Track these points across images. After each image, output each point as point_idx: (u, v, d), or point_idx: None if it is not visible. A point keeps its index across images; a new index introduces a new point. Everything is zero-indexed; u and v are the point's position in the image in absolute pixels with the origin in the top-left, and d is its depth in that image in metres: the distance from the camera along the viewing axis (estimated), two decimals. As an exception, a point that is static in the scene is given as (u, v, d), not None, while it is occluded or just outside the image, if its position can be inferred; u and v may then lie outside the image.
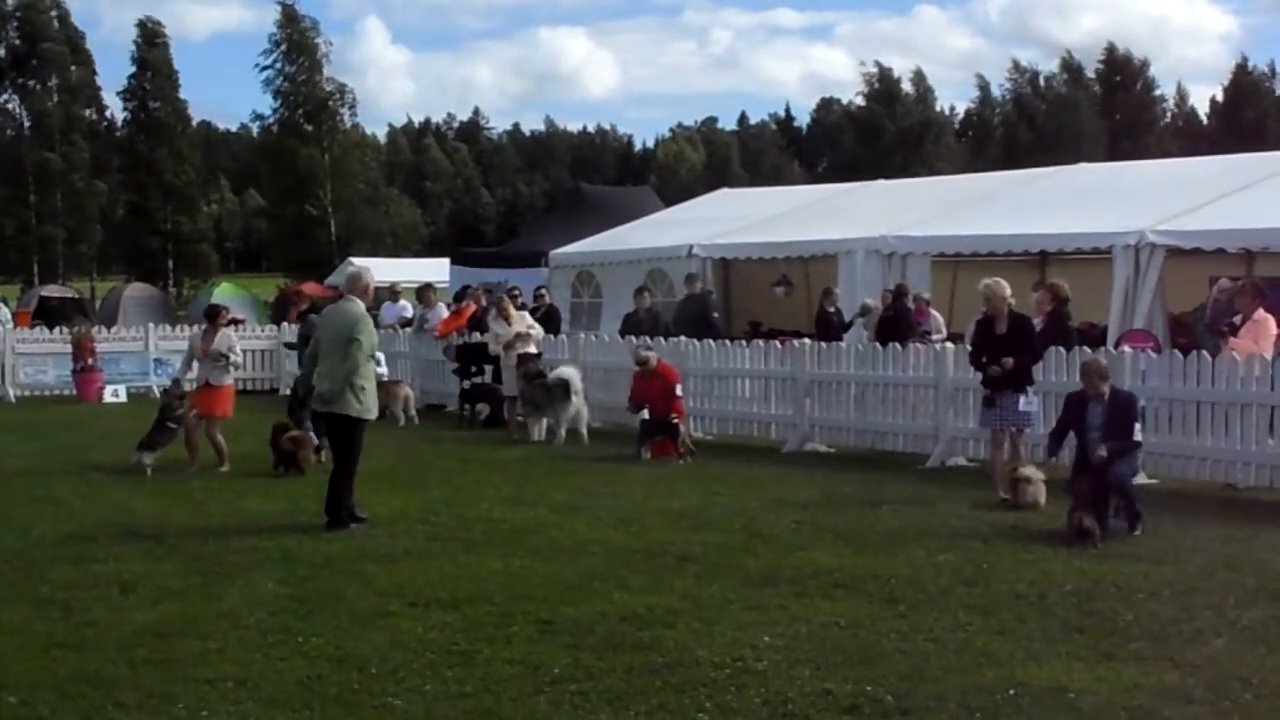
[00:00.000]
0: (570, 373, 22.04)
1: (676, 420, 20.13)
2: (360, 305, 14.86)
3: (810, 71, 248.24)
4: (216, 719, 7.98)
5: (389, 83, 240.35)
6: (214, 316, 20.05)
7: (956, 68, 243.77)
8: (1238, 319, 17.71)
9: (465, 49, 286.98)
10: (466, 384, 25.34)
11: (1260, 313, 17.46)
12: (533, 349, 23.33)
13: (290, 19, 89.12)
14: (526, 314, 24.59)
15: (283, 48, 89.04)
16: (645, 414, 20.53)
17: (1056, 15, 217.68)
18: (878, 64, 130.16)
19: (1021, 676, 8.63)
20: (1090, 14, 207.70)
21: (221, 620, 10.23)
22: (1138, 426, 14.53)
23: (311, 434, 18.61)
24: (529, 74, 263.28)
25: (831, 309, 24.66)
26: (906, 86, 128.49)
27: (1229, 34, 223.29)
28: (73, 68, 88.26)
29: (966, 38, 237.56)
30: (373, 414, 14.84)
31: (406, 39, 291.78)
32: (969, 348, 18.66)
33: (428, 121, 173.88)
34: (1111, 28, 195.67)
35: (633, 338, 23.33)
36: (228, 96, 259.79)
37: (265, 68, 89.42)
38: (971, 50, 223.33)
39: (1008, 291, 16.24)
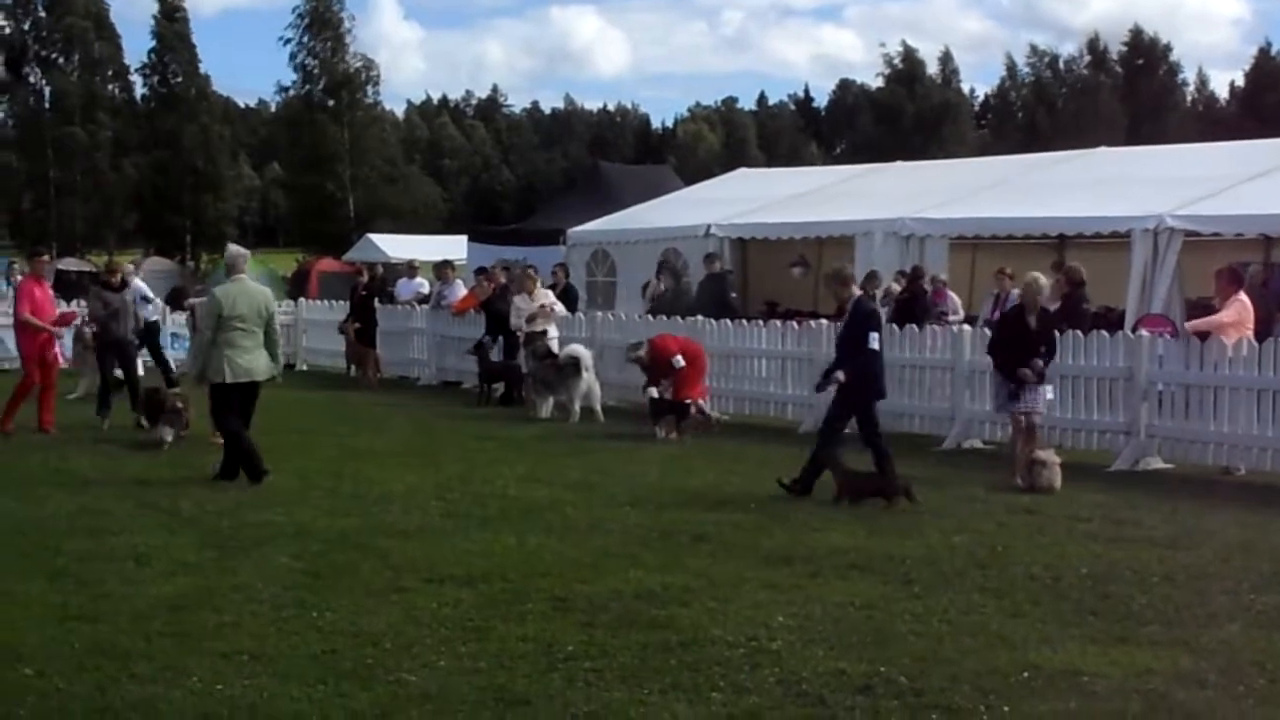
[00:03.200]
0: (580, 350, 22.07)
1: (688, 401, 20.08)
2: (247, 282, 16.02)
3: (821, 53, 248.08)
4: (231, 692, 7.98)
5: (401, 59, 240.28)
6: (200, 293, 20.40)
7: (967, 50, 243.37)
8: (1216, 303, 17.80)
9: (477, 26, 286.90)
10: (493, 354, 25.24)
11: (1240, 296, 17.47)
12: (552, 328, 23.36)
13: None
14: (550, 292, 24.62)
15: (306, 21, 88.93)
16: (654, 393, 20.50)
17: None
18: (903, 43, 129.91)
19: (1035, 659, 8.62)
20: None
21: (236, 594, 10.24)
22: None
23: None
24: (541, 52, 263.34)
25: (876, 293, 24.36)
26: (932, 68, 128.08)
27: (1240, 19, 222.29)
28: (96, 43, 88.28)
29: (977, 20, 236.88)
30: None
31: (419, 15, 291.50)
32: (986, 332, 18.73)
33: (445, 98, 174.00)
34: (1121, 13, 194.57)
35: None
36: (241, 72, 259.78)
37: (288, 40, 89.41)
38: (982, 33, 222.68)
39: (1046, 287, 16.45)
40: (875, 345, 14.95)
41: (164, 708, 7.76)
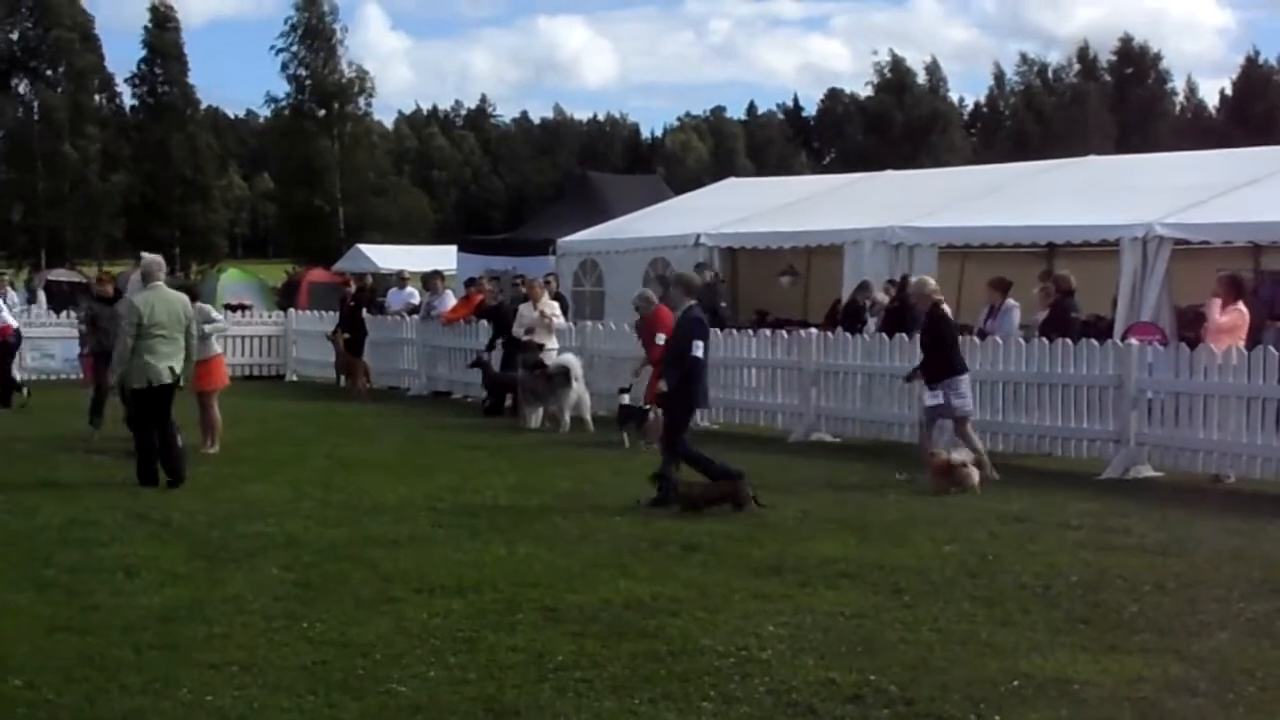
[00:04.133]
0: (571, 360, 22.08)
1: (647, 407, 20.21)
2: (164, 290, 16.55)
3: (809, 62, 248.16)
4: (221, 703, 7.97)
5: (388, 69, 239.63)
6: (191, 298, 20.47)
7: (953, 59, 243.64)
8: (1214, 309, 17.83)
9: (465, 36, 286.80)
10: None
11: (1239, 305, 17.50)
12: (551, 340, 23.37)
13: (310, 1, 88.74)
14: (556, 304, 24.62)
15: (299, 31, 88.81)
16: (626, 399, 20.71)
17: (1051, 7, 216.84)
18: (891, 53, 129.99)
19: (1026, 668, 8.62)
20: (1085, 7, 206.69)
21: (226, 605, 10.23)
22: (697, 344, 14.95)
23: None
24: (528, 62, 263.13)
25: (864, 301, 24.40)
26: (921, 77, 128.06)
27: (1226, 28, 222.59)
28: (83, 54, 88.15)
29: (963, 29, 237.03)
30: None
31: (406, 25, 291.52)
32: (976, 340, 18.93)
33: (435, 109, 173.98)
34: (1107, 21, 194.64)
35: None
36: (229, 82, 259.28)
37: (280, 50, 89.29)
38: (968, 42, 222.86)
39: (932, 286, 17.16)
40: (699, 354, 14.95)
41: (154, 719, 7.75)
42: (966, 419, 16.78)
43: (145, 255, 17.59)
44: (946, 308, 17.36)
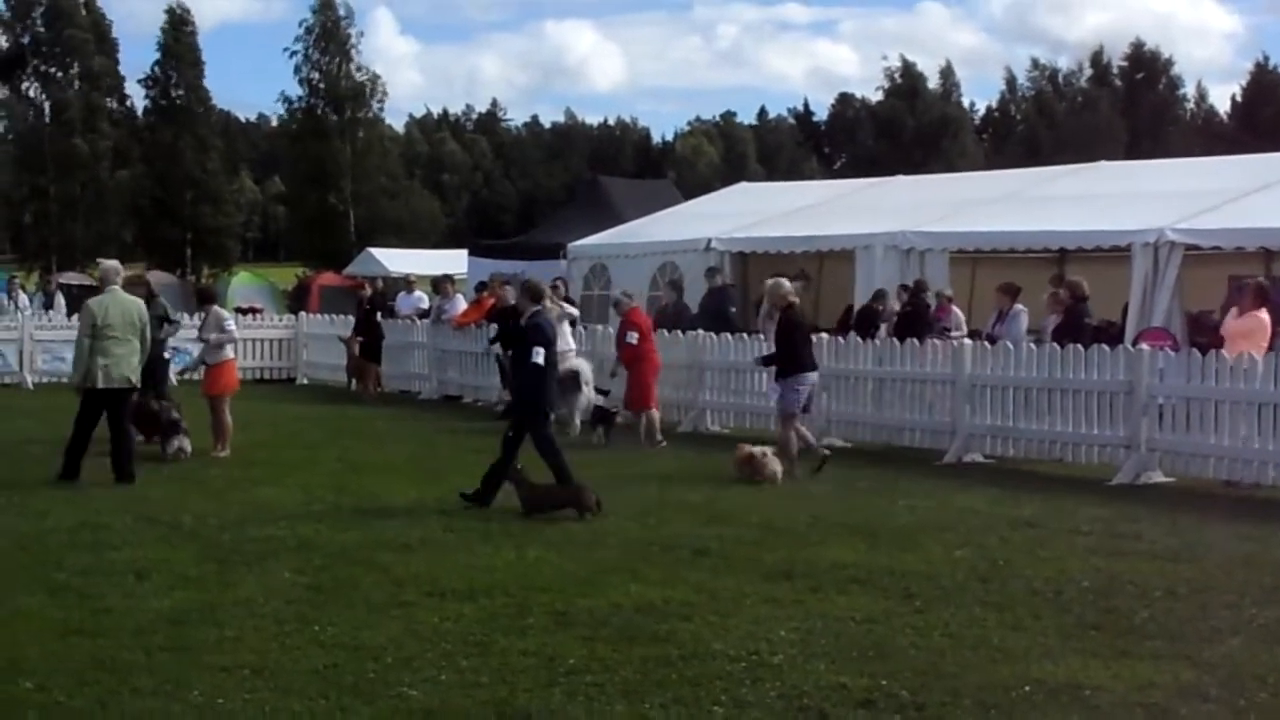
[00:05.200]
0: (580, 364, 22.07)
1: (614, 411, 20.98)
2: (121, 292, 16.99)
3: (817, 67, 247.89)
4: (232, 706, 7.98)
5: (396, 73, 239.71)
6: (208, 299, 20.62)
7: (961, 64, 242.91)
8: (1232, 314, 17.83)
9: (473, 41, 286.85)
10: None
11: (1260, 313, 17.47)
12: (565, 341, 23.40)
13: (326, 5, 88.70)
14: (567, 305, 24.62)
15: (314, 34, 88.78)
16: (600, 400, 21.36)
17: (1060, 12, 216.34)
18: (902, 58, 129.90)
19: (1037, 673, 8.61)
20: (1093, 12, 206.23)
21: (237, 608, 10.24)
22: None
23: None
24: (537, 66, 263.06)
25: (880, 307, 24.43)
26: (933, 82, 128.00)
27: (1234, 33, 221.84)
28: (96, 56, 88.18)
29: (971, 34, 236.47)
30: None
31: (415, 30, 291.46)
32: (987, 345, 19.00)
33: (445, 113, 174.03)
34: (1115, 26, 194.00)
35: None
36: (240, 86, 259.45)
37: (294, 52, 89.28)
38: (976, 47, 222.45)
39: (787, 287, 18.29)
40: (539, 360, 15.05)
41: (165, 722, 7.77)
42: (794, 416, 17.73)
43: (103, 261, 18.16)
44: (799, 310, 18.69)
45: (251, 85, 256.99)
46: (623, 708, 7.97)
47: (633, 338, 21.16)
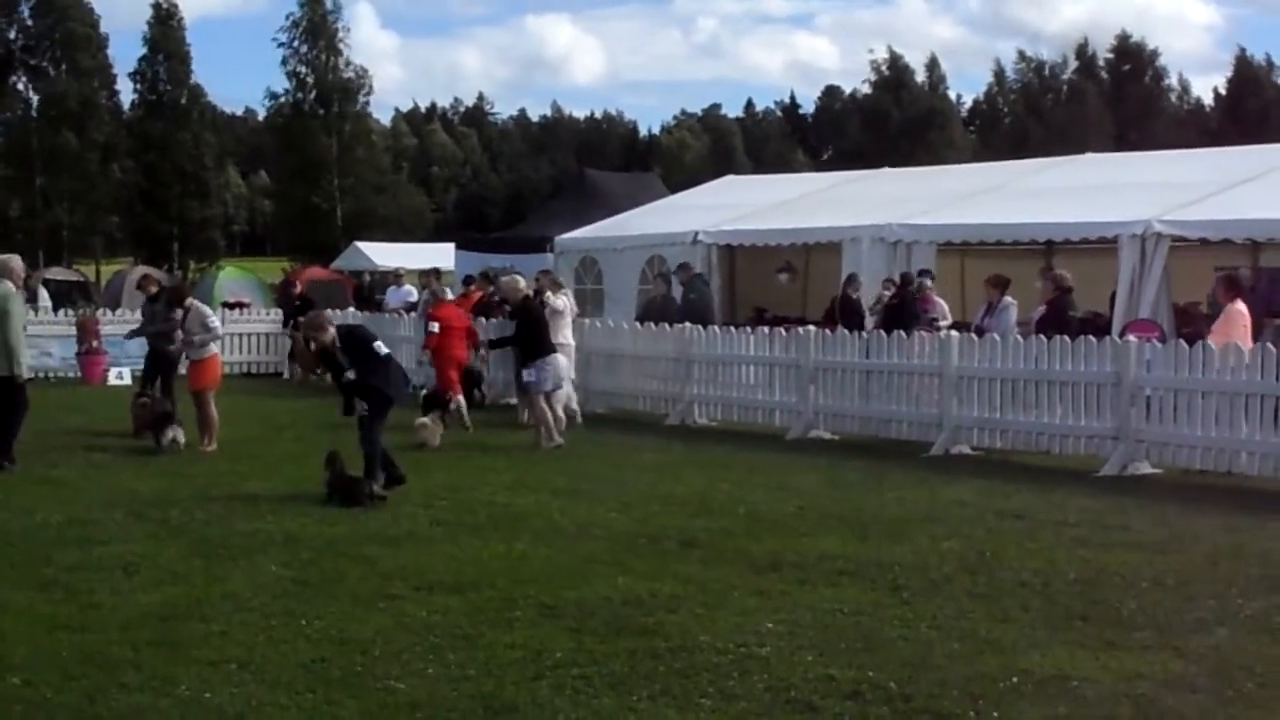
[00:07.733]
0: (559, 359, 21.98)
1: (449, 396, 21.40)
2: (10, 286, 17.24)
3: (795, 59, 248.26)
4: (219, 701, 7.97)
5: (378, 67, 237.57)
6: (178, 299, 20.42)
7: (940, 57, 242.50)
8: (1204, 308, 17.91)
9: (454, 35, 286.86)
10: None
11: (1236, 304, 17.50)
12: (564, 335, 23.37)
13: None
14: (563, 298, 24.54)
15: (301, 28, 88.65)
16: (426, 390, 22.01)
17: (1035, 5, 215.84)
18: (889, 50, 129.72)
19: (1024, 664, 8.62)
20: (1070, 4, 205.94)
21: (225, 602, 10.23)
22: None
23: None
24: (517, 60, 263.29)
25: (855, 295, 24.53)
26: (920, 74, 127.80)
27: (1213, 25, 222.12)
28: (87, 50, 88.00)
29: (948, 26, 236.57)
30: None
31: (396, 24, 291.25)
32: (974, 337, 19.05)
33: (433, 106, 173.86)
34: (1092, 18, 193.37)
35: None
36: (226, 80, 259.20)
37: (281, 44, 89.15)
38: (953, 39, 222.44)
39: (521, 285, 20.63)
40: (382, 351, 15.88)
41: (152, 717, 7.76)
42: (542, 393, 19.68)
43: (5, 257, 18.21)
44: (534, 303, 20.72)
45: (234, 79, 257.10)
46: (610, 700, 7.97)
47: (434, 327, 22.12)
